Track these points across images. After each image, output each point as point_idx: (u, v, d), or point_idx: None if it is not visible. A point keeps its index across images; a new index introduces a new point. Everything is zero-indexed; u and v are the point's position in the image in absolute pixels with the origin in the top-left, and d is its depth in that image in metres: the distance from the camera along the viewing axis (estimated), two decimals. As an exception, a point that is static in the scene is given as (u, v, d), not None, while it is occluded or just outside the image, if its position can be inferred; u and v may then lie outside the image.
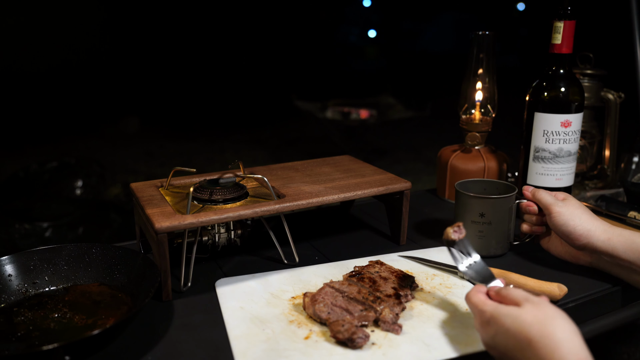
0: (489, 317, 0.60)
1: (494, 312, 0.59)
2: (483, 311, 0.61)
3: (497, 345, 0.59)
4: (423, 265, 0.85)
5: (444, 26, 10.44)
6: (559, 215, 0.79)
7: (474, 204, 0.86)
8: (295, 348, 0.63)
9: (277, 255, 0.89)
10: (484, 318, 0.60)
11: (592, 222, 0.78)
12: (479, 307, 0.62)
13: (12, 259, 0.75)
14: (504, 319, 0.58)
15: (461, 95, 1.16)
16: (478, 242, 0.88)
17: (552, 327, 0.54)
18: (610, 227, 0.77)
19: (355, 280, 0.75)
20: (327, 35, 9.23)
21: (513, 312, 0.58)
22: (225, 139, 5.07)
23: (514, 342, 0.56)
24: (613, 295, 0.79)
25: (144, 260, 0.75)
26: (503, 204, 0.86)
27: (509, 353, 0.57)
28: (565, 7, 0.95)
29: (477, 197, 0.86)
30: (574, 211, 0.79)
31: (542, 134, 0.98)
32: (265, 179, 0.84)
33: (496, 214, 0.86)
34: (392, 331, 0.66)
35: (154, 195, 0.83)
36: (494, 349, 0.59)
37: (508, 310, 0.58)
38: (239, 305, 0.73)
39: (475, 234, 0.87)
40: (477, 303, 0.62)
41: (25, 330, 0.67)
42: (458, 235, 0.70)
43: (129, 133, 5.20)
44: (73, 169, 2.99)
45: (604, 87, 1.25)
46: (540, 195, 0.83)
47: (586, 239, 0.77)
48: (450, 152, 1.16)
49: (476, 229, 0.87)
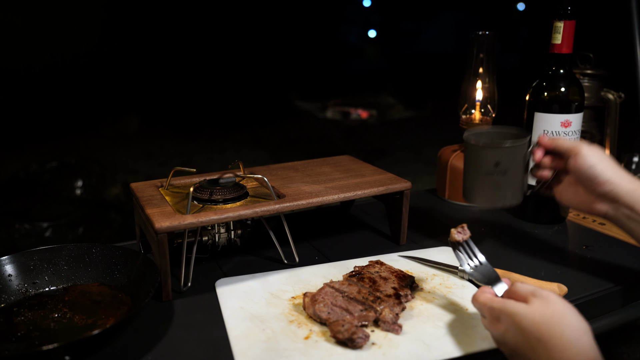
0: (497, 314, 0.59)
1: (503, 308, 0.59)
2: (492, 308, 0.60)
3: (507, 342, 0.59)
4: (423, 265, 0.85)
5: (444, 26, 10.43)
6: (587, 157, 0.74)
7: (488, 155, 0.79)
8: (296, 348, 0.63)
9: (277, 255, 0.89)
10: (493, 315, 0.60)
11: (618, 170, 0.73)
12: (487, 304, 0.61)
13: (12, 259, 0.75)
14: (513, 316, 0.57)
15: (461, 95, 1.16)
16: (493, 194, 0.81)
17: (561, 326, 0.54)
18: (636, 179, 0.73)
19: (355, 280, 0.75)
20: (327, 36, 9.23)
21: (521, 309, 0.57)
22: (225, 139, 5.07)
23: (524, 340, 0.56)
24: (613, 295, 0.79)
25: (144, 260, 0.75)
26: (518, 151, 0.79)
27: (518, 350, 0.57)
28: (565, 7, 0.95)
29: (492, 147, 0.79)
30: (602, 155, 0.74)
31: (542, 133, 0.98)
32: (265, 179, 0.84)
33: (512, 162, 0.79)
34: (392, 331, 0.66)
35: (154, 195, 0.83)
36: (505, 346, 0.59)
37: (516, 307, 0.58)
38: (239, 305, 0.73)
39: (490, 186, 0.81)
40: (485, 301, 0.62)
41: (25, 330, 0.67)
42: (462, 237, 0.70)
43: (129, 133, 5.20)
44: (73, 169, 2.99)
45: (604, 87, 1.25)
46: (561, 141, 0.77)
47: (611, 185, 0.72)
48: (450, 152, 1.16)
49: (491, 180, 0.80)
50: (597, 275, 0.82)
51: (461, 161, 1.13)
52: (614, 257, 0.90)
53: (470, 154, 0.82)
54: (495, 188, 0.80)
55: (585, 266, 0.86)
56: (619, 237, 0.98)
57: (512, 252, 0.91)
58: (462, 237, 0.70)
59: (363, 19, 10.58)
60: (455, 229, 0.71)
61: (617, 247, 0.94)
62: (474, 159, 0.81)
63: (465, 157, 0.84)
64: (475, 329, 0.68)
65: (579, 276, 0.82)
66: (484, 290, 0.64)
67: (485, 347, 0.64)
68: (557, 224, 1.04)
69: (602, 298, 0.78)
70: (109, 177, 3.10)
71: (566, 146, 0.77)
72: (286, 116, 5.65)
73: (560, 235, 0.99)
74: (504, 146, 0.78)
